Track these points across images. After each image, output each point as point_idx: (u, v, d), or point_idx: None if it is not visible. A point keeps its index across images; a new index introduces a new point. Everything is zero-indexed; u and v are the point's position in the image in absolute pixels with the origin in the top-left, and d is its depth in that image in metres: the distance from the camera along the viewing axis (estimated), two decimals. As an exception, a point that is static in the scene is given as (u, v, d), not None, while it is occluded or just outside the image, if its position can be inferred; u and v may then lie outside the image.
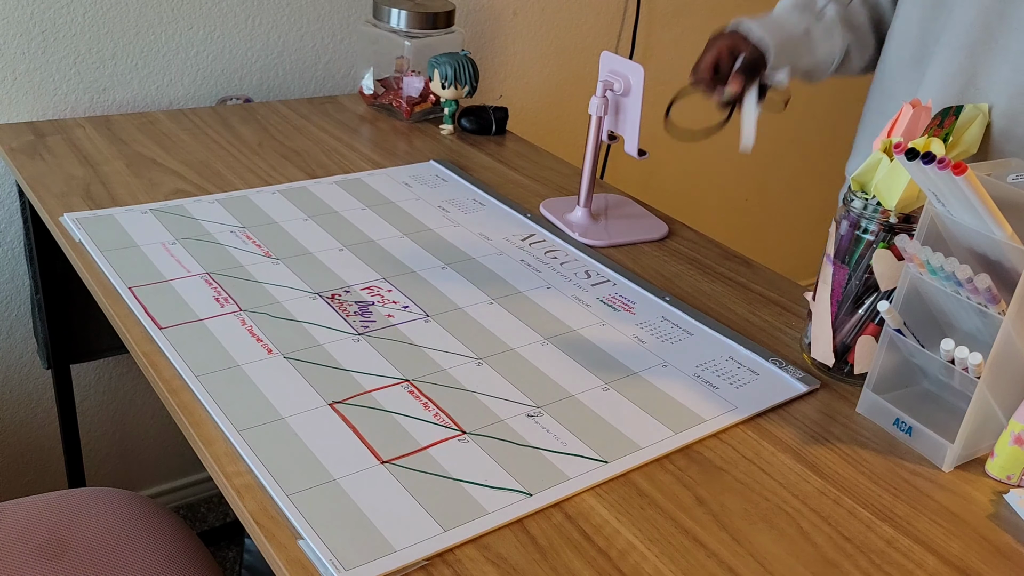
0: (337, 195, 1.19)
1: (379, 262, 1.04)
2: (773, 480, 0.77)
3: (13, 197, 1.40)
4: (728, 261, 1.15)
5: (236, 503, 0.69)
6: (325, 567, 0.63)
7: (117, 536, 0.96)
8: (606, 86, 1.13)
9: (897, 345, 0.85)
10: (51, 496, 1.02)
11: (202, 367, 0.82)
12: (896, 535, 0.73)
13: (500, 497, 0.71)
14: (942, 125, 0.83)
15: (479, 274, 1.04)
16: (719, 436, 0.82)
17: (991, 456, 0.81)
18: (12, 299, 1.46)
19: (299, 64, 1.59)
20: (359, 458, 0.73)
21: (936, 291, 0.81)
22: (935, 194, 0.78)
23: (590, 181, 1.18)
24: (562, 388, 0.85)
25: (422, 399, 0.81)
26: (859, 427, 0.86)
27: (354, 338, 0.89)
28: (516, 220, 1.19)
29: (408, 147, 1.39)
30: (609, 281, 1.06)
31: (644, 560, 0.68)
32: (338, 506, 0.68)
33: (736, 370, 0.91)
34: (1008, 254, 0.75)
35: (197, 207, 1.12)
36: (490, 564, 0.66)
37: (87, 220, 1.05)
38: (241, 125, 1.39)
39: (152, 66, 1.45)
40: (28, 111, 1.37)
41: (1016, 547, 0.73)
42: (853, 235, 0.87)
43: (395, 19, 1.43)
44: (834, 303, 0.90)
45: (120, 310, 0.90)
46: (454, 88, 1.43)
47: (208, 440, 0.74)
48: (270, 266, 1.00)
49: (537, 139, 1.95)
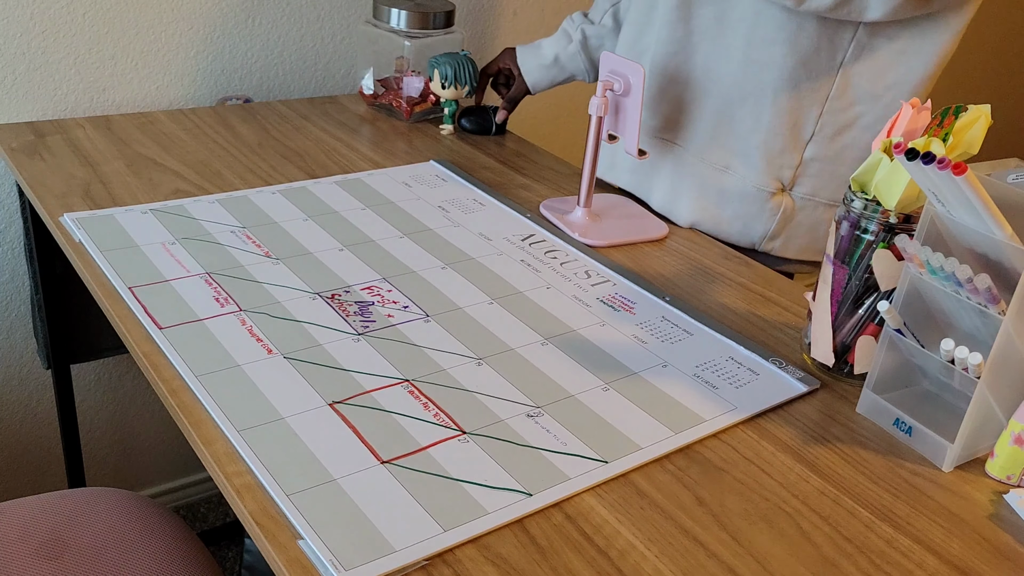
0: (337, 195, 1.19)
1: (379, 262, 1.04)
2: (773, 480, 0.77)
3: (13, 197, 1.40)
4: (728, 261, 1.15)
5: (236, 503, 0.69)
6: (325, 567, 0.63)
7: (117, 536, 0.96)
8: (606, 86, 1.13)
9: (897, 345, 0.85)
10: (51, 496, 1.02)
11: (202, 367, 0.82)
12: (896, 535, 0.73)
13: (500, 497, 0.71)
14: (942, 125, 0.83)
15: (479, 274, 1.04)
16: (719, 436, 0.82)
17: (991, 456, 0.81)
18: (12, 299, 1.46)
19: (299, 64, 1.59)
20: (359, 458, 0.73)
21: (936, 291, 0.81)
22: (935, 194, 0.78)
23: (590, 181, 1.18)
24: (562, 388, 0.85)
25: (422, 399, 0.82)
26: (859, 427, 0.86)
27: (354, 338, 0.89)
28: (516, 220, 1.19)
29: (408, 147, 1.39)
30: (609, 281, 1.06)
31: (644, 560, 0.68)
32: (338, 506, 0.68)
33: (736, 370, 0.91)
34: (1008, 254, 0.75)
35: (197, 207, 1.12)
36: (490, 564, 0.66)
37: (87, 220, 1.05)
38: (241, 125, 1.39)
39: (152, 66, 1.45)
40: (28, 111, 1.37)
41: (1016, 547, 0.73)
42: (853, 235, 0.87)
43: (395, 19, 1.43)
44: (834, 303, 0.90)
45: (120, 310, 0.90)
46: (454, 88, 1.43)
47: (208, 440, 0.74)
48: (270, 266, 1.00)
49: (537, 139, 1.95)
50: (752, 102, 1.12)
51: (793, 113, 1.11)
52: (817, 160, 1.14)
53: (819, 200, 1.16)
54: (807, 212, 1.17)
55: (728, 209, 1.18)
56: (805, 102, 1.10)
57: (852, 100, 1.10)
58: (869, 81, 1.08)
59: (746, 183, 1.16)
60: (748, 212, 1.17)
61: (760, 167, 1.14)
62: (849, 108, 1.10)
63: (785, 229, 1.17)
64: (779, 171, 1.14)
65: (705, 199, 1.19)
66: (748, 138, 1.14)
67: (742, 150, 1.15)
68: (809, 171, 1.14)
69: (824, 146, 1.13)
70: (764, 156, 1.14)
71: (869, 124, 1.11)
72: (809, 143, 1.12)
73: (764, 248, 1.20)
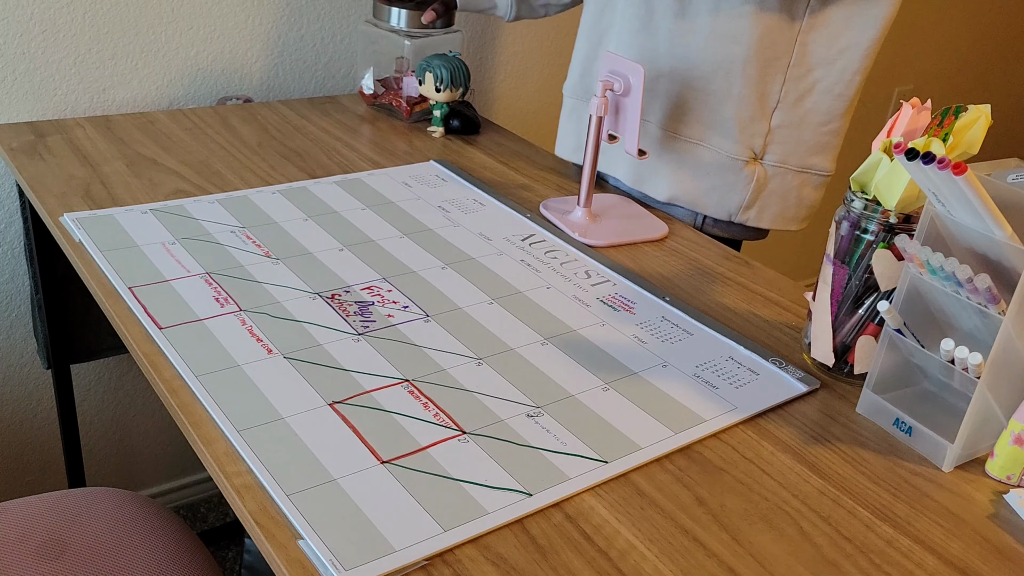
0: (337, 195, 1.19)
1: (379, 262, 1.04)
2: (773, 480, 0.77)
3: (13, 197, 1.40)
4: (728, 261, 1.15)
5: (236, 503, 0.69)
6: (325, 567, 0.63)
7: (117, 536, 0.96)
8: (606, 86, 1.13)
9: (897, 345, 0.85)
10: (51, 496, 1.02)
11: (202, 367, 0.82)
12: (896, 535, 0.73)
13: (500, 497, 0.71)
14: (942, 125, 0.83)
15: (479, 274, 1.04)
16: (719, 436, 0.82)
17: (991, 456, 0.81)
18: (12, 299, 1.46)
19: (299, 64, 1.59)
20: (359, 458, 0.73)
21: (936, 291, 0.81)
22: (935, 194, 0.78)
23: (590, 181, 1.18)
24: (562, 388, 0.85)
25: (422, 399, 0.82)
26: (859, 427, 0.86)
27: (354, 338, 0.89)
28: (516, 220, 1.19)
29: (408, 147, 1.39)
30: (609, 281, 1.06)
31: (644, 560, 0.68)
32: (338, 506, 0.68)
33: (736, 370, 0.91)
34: (1008, 254, 0.75)
35: (197, 207, 1.12)
36: (490, 564, 0.66)
37: (87, 220, 1.05)
38: (241, 125, 1.39)
39: (152, 66, 1.45)
40: (28, 111, 1.37)
41: (1016, 547, 0.73)
42: (853, 235, 0.87)
43: (395, 19, 1.43)
44: (834, 303, 0.90)
45: (120, 310, 0.90)
46: (449, 90, 1.43)
47: (208, 440, 0.74)
48: (270, 266, 1.00)
49: (537, 139, 1.95)
50: (722, 75, 1.17)
51: (761, 83, 1.16)
52: (783, 127, 1.19)
53: (788, 167, 1.21)
54: (778, 180, 1.22)
55: (705, 181, 1.22)
56: (770, 70, 1.16)
57: (810, 66, 1.16)
58: (823, 47, 1.15)
59: (721, 154, 1.20)
60: (724, 182, 1.21)
61: (734, 136, 1.19)
62: (808, 74, 1.17)
63: (759, 198, 1.22)
64: (751, 139, 1.19)
65: (682, 172, 1.23)
66: (719, 110, 1.18)
67: (715, 122, 1.19)
68: (777, 138, 1.20)
69: (789, 112, 1.18)
70: (736, 126, 1.18)
71: (827, 88, 1.18)
72: (775, 110, 1.18)
73: (740, 219, 1.24)
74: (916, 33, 2.59)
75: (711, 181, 1.22)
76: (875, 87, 2.58)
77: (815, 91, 1.18)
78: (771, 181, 1.21)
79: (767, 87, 1.16)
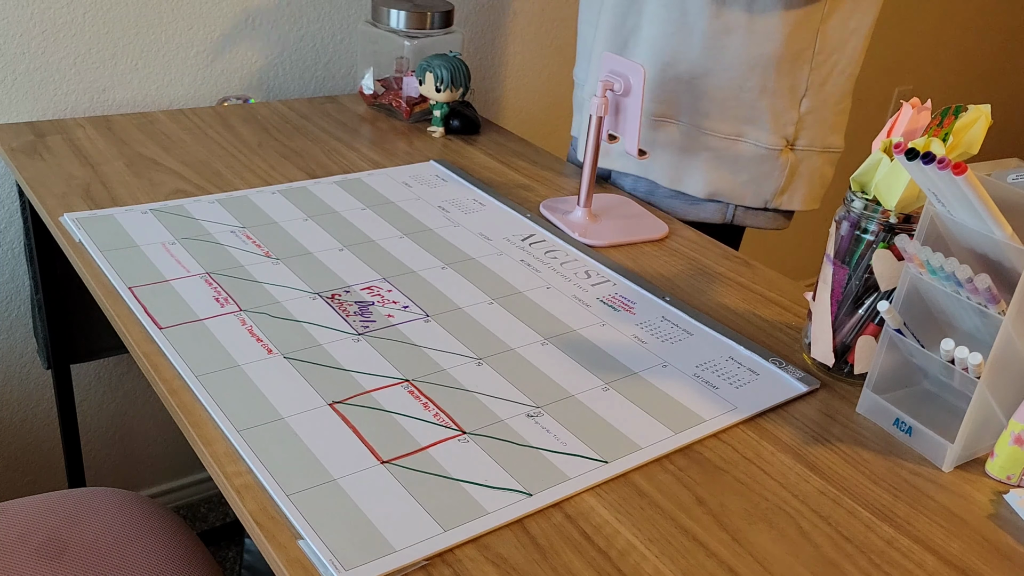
0: (337, 195, 1.19)
1: (379, 262, 1.04)
2: (773, 480, 0.77)
3: (13, 197, 1.40)
4: (728, 261, 1.15)
5: (236, 503, 0.69)
6: (325, 567, 0.63)
7: (117, 536, 0.96)
8: (606, 86, 1.13)
9: (897, 345, 0.85)
10: (51, 496, 1.02)
11: (202, 367, 0.82)
12: (896, 535, 0.73)
13: (500, 497, 0.71)
14: (942, 125, 0.83)
15: (479, 274, 1.04)
16: (719, 436, 0.82)
17: (991, 456, 0.81)
18: (12, 299, 1.46)
19: (299, 64, 1.59)
20: (359, 458, 0.73)
21: (936, 291, 0.81)
22: (935, 194, 0.78)
23: (590, 181, 1.18)
24: (562, 388, 0.85)
25: (422, 399, 0.82)
26: (859, 427, 0.86)
27: (354, 338, 0.89)
28: (516, 220, 1.19)
29: (408, 147, 1.39)
30: (609, 281, 1.06)
31: (644, 560, 0.68)
32: (338, 506, 0.68)
33: (736, 370, 0.91)
34: (1008, 254, 0.75)
35: (197, 207, 1.12)
36: (490, 564, 0.66)
37: (87, 220, 1.05)
38: (241, 125, 1.39)
39: (152, 66, 1.45)
40: (28, 111, 1.37)
41: (1016, 547, 0.73)
42: (853, 235, 0.87)
43: (395, 19, 1.43)
44: (834, 303, 0.90)
45: (120, 310, 0.90)
46: (450, 91, 1.43)
47: (208, 440, 0.74)
48: (270, 266, 1.00)
49: (537, 139, 1.95)
50: (759, 72, 1.20)
51: (791, 74, 1.21)
52: (810, 112, 1.24)
53: (815, 149, 1.26)
54: (807, 163, 1.27)
55: (743, 174, 1.26)
56: (798, 62, 1.20)
57: (829, 52, 1.22)
58: (837, 32, 1.21)
59: (759, 147, 1.24)
60: (761, 173, 1.26)
61: (769, 128, 1.23)
62: (827, 60, 1.23)
63: (792, 183, 1.27)
64: (784, 128, 1.24)
65: (720, 169, 1.26)
66: (756, 105, 1.22)
67: (751, 117, 1.23)
68: (806, 123, 1.24)
69: (814, 98, 1.23)
70: (771, 118, 1.23)
71: (842, 69, 1.24)
72: (803, 98, 1.23)
73: (774, 204, 1.28)
74: (916, 33, 2.59)
75: (749, 173, 1.26)
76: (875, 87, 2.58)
77: (833, 74, 1.23)
78: (801, 164, 1.26)
79: (796, 78, 1.21)
